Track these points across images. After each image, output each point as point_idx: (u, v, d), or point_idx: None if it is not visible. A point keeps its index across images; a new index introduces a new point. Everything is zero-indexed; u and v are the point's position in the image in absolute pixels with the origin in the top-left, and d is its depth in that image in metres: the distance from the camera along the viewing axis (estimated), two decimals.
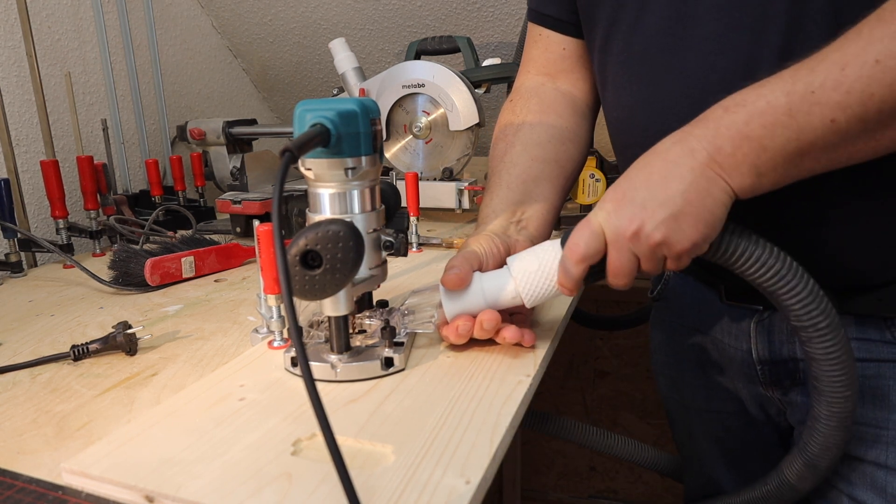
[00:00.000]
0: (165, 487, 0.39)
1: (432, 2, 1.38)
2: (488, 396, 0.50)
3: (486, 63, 1.20)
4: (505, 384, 0.52)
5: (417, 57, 1.23)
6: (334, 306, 0.52)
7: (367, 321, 0.58)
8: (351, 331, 0.56)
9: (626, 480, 1.73)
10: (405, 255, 0.56)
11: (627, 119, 0.64)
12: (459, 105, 1.12)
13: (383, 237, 0.55)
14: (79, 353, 0.62)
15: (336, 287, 0.47)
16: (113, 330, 0.63)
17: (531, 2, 0.75)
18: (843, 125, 0.44)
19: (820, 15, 0.49)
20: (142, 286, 0.85)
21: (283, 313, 0.60)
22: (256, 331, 0.64)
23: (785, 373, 0.65)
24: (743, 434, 0.76)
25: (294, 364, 0.55)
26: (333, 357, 0.54)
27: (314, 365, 0.53)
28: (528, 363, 0.56)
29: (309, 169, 0.51)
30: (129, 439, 0.45)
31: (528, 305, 0.56)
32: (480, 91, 1.19)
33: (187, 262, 0.88)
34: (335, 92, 1.26)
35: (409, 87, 1.14)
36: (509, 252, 0.60)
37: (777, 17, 0.51)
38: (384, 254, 0.56)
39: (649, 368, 1.53)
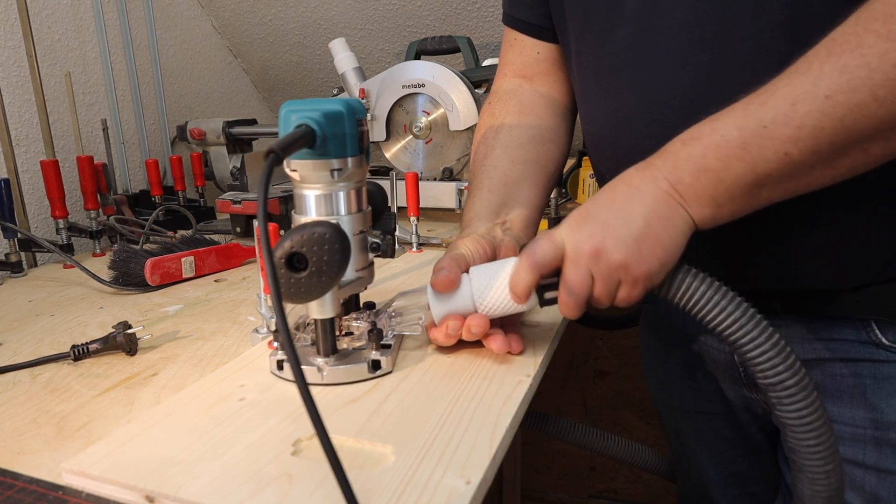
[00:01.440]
0: (165, 487, 0.39)
1: (432, 2, 1.38)
2: (488, 396, 0.50)
3: (486, 63, 1.21)
4: (505, 384, 0.52)
5: (417, 57, 1.23)
6: (320, 309, 0.52)
7: (354, 323, 0.58)
8: (338, 333, 0.56)
9: (626, 480, 1.73)
10: (392, 256, 0.56)
11: (599, 132, 0.64)
12: (459, 105, 1.12)
13: (370, 239, 0.55)
14: (79, 353, 0.62)
15: (322, 290, 0.47)
16: (113, 330, 0.63)
17: (505, 6, 0.75)
18: (796, 157, 0.44)
19: (780, 29, 0.49)
20: (142, 286, 0.85)
21: None
22: (256, 331, 0.64)
23: None
24: (731, 435, 0.76)
25: (280, 367, 0.54)
26: (320, 360, 0.53)
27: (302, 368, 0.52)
28: (528, 363, 0.56)
29: (294, 170, 0.50)
30: (129, 439, 0.45)
31: (487, 316, 0.55)
32: (480, 91, 1.19)
33: (187, 262, 0.88)
34: (335, 92, 1.26)
35: (409, 87, 1.14)
36: (496, 252, 0.60)
37: (738, 31, 0.51)
38: (371, 255, 0.55)
39: None
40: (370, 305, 0.60)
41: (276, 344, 0.61)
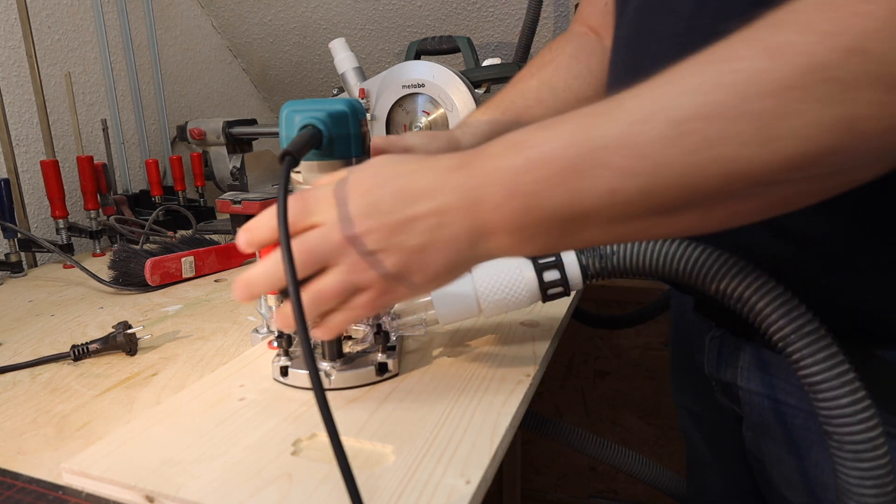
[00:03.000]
0: (165, 487, 0.39)
1: (432, 2, 1.38)
2: (488, 396, 0.50)
3: (486, 63, 1.20)
4: (505, 384, 0.52)
5: (417, 57, 1.23)
6: None
7: (353, 326, 0.57)
8: None
9: (626, 480, 1.73)
10: None
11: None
12: (459, 105, 1.12)
13: None
14: (79, 353, 0.62)
15: None
16: (113, 330, 0.63)
17: None
18: (621, 197, 0.33)
19: None
20: (142, 286, 0.85)
21: None
22: (256, 331, 0.64)
23: (733, 396, 0.61)
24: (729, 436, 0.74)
25: (283, 373, 0.53)
26: (326, 365, 0.53)
27: (305, 374, 0.52)
28: (528, 363, 0.56)
29: (298, 172, 0.50)
30: (130, 439, 0.45)
31: (490, 315, 0.55)
32: (480, 91, 1.19)
33: (187, 262, 0.88)
34: (335, 92, 1.26)
35: (409, 87, 1.14)
36: (453, 148, 0.56)
37: (735, 17, 0.49)
38: None
39: (649, 368, 1.53)
40: None
41: (276, 343, 0.61)
